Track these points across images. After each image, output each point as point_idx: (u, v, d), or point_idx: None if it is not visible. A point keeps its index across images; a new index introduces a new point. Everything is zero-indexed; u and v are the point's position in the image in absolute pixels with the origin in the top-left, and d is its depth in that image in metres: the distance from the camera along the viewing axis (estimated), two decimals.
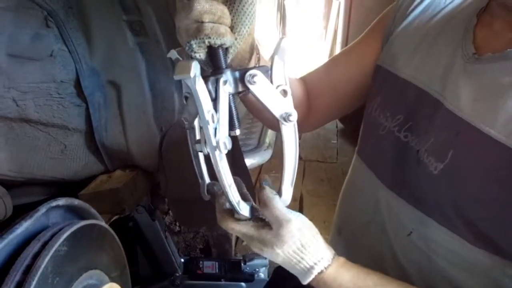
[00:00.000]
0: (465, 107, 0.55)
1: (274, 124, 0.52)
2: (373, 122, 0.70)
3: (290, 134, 0.51)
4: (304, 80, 0.83)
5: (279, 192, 0.52)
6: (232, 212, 0.53)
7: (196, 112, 0.46)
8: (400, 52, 0.69)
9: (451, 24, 0.63)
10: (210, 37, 0.45)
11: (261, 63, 0.62)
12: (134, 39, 1.08)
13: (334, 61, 0.85)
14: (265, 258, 1.58)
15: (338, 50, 4.27)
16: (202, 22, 0.44)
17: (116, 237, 0.83)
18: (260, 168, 2.70)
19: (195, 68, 0.44)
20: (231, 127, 0.50)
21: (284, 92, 0.50)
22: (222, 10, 0.45)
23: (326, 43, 4.57)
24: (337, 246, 0.80)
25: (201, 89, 0.45)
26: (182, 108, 1.19)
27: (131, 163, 1.23)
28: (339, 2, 4.07)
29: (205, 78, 0.46)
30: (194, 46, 0.45)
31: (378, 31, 0.76)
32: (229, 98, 0.49)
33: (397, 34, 0.71)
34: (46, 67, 1.02)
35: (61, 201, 0.73)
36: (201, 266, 1.53)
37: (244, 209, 0.52)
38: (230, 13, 0.48)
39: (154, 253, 1.45)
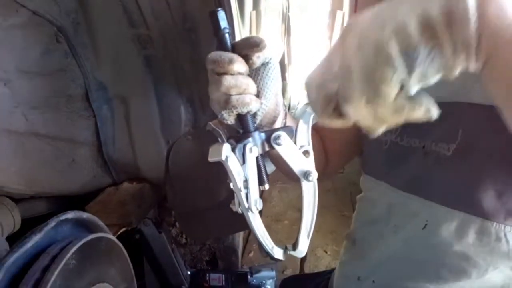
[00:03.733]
0: (457, 93, 0.60)
1: (295, 178, 0.56)
2: (375, 142, 0.75)
3: (309, 192, 0.56)
4: (315, 129, 0.88)
5: (296, 244, 0.56)
6: None
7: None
8: None
9: None
10: (237, 108, 0.51)
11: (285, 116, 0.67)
12: (141, 53, 1.10)
13: None
14: (272, 270, 1.57)
15: None
16: (230, 95, 0.50)
17: (124, 249, 0.83)
18: None
19: (225, 151, 0.51)
20: (261, 182, 0.55)
21: (306, 153, 0.55)
22: (247, 83, 0.51)
23: None
24: (351, 256, 0.82)
25: (233, 166, 0.52)
26: (188, 120, 1.21)
27: (138, 176, 1.24)
28: (343, 13, 4.09)
29: (235, 145, 0.53)
30: (225, 115, 0.52)
31: None
32: (258, 157, 0.55)
33: None
34: (56, 82, 1.04)
35: (70, 215, 0.74)
36: (207, 278, 1.52)
37: (278, 254, 0.56)
38: (256, 79, 0.54)
39: (161, 266, 1.44)
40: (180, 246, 1.65)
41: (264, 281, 1.52)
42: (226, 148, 0.52)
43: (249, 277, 1.53)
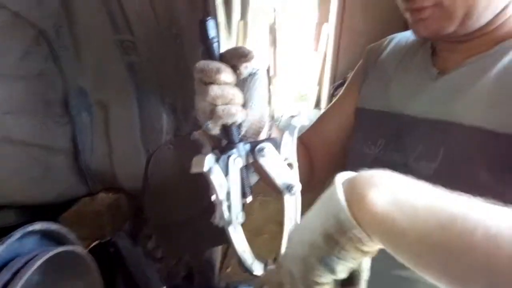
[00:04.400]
0: (441, 111, 0.62)
1: (278, 190, 0.56)
2: (359, 156, 0.75)
3: (291, 205, 0.56)
4: (302, 140, 0.89)
5: (277, 259, 0.55)
6: None
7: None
8: (375, 90, 0.77)
9: (415, 57, 0.73)
10: (222, 118, 0.50)
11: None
12: (124, 59, 1.06)
13: (322, 118, 0.91)
14: (249, 286, 1.53)
15: (327, 73, 4.33)
16: (216, 105, 0.50)
17: (94, 263, 0.79)
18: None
19: (209, 162, 0.50)
20: (243, 195, 0.54)
21: (290, 165, 0.56)
22: (233, 93, 0.51)
23: (316, 66, 4.62)
24: None
25: (216, 177, 0.51)
26: (170, 129, 1.17)
27: (115, 186, 1.19)
28: (329, 26, 4.14)
29: (219, 156, 0.52)
30: (210, 125, 0.51)
31: (354, 80, 0.85)
32: (242, 169, 0.54)
33: (371, 76, 0.80)
34: (33, 86, 0.99)
35: (37, 226, 0.70)
36: None
37: (258, 269, 0.55)
38: (243, 90, 0.53)
39: (135, 281, 1.38)
40: (156, 260, 1.60)
41: None
42: (210, 159, 0.51)
43: None
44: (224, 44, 1.31)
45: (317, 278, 0.40)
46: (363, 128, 0.78)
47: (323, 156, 0.87)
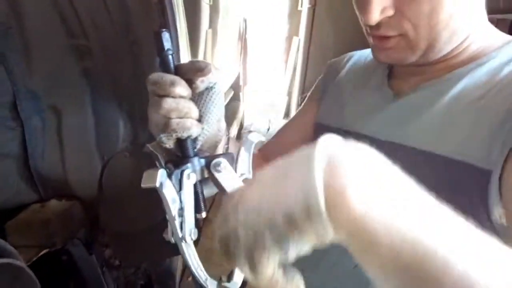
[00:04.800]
0: (395, 133, 0.62)
1: None
2: None
3: None
4: (262, 153, 0.89)
5: (231, 275, 0.54)
6: None
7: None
8: (332, 106, 0.78)
9: (372, 77, 0.73)
10: (176, 132, 0.49)
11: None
12: (79, 64, 1.04)
13: (282, 130, 0.92)
14: None
15: (297, 84, 4.39)
16: (170, 118, 0.48)
17: (33, 277, 0.76)
18: (213, 198, 2.65)
19: (160, 177, 0.48)
20: (198, 210, 0.53)
21: (247, 181, 0.54)
22: (189, 107, 0.49)
23: (286, 77, 4.68)
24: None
25: (167, 193, 0.49)
26: (126, 136, 1.15)
27: (68, 193, 1.16)
28: (299, 39, 4.22)
29: (172, 170, 0.50)
30: (163, 139, 0.50)
31: (314, 95, 0.86)
32: (196, 183, 0.53)
33: (330, 91, 0.81)
34: None
35: None
36: None
37: (211, 286, 0.54)
38: (199, 104, 0.52)
39: None
40: (113, 268, 1.56)
41: None
42: (161, 174, 0.49)
43: None
44: (186, 52, 1.31)
45: (263, 256, 0.37)
46: None
47: None
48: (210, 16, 2.55)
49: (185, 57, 1.30)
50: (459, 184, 0.53)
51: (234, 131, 3.00)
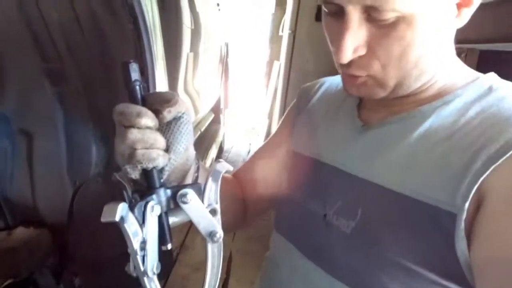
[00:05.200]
0: (362, 168, 0.62)
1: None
2: (285, 199, 0.75)
3: (214, 252, 0.55)
4: (236, 177, 0.89)
5: None
6: None
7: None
8: (304, 134, 0.77)
9: (343, 106, 0.74)
10: (141, 162, 0.48)
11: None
12: (52, 88, 1.02)
13: (256, 155, 0.92)
14: None
15: (277, 108, 4.43)
16: (135, 149, 0.48)
17: None
18: (190, 224, 2.61)
19: (121, 211, 0.47)
20: (163, 242, 0.52)
21: (214, 211, 0.54)
22: (154, 138, 0.49)
23: (267, 101, 4.73)
24: None
25: (129, 227, 0.48)
26: (99, 161, 1.13)
27: (37, 219, 1.12)
28: (280, 64, 4.29)
29: (137, 201, 0.50)
30: (129, 170, 0.49)
31: (287, 120, 0.86)
32: (161, 215, 0.51)
33: (303, 118, 0.81)
34: None
35: None
36: None
37: None
38: (167, 134, 0.52)
39: None
40: None
41: None
42: (122, 208, 0.47)
43: None
44: (163, 76, 1.31)
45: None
46: (291, 172, 0.78)
47: (255, 193, 0.86)
48: (192, 39, 2.57)
49: (162, 81, 1.30)
50: (426, 225, 0.53)
51: (213, 153, 2.99)
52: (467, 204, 0.49)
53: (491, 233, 0.48)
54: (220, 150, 3.94)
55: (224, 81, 4.07)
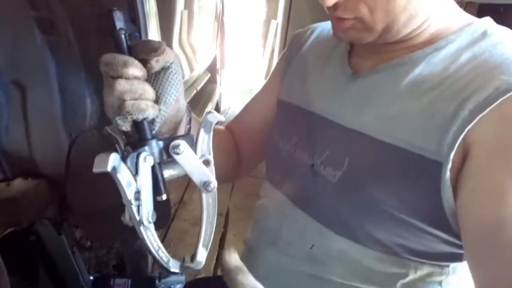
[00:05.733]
0: (351, 118, 0.62)
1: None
2: (274, 149, 0.76)
3: (209, 202, 0.55)
4: (229, 129, 0.88)
5: (194, 255, 0.55)
6: None
7: None
8: (294, 82, 0.77)
9: (333, 53, 0.73)
10: (131, 114, 0.48)
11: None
12: (43, 38, 1.01)
13: (247, 107, 0.91)
14: (182, 275, 1.52)
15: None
16: (124, 100, 0.47)
17: None
18: (188, 180, 2.65)
19: (112, 161, 0.47)
20: (158, 193, 0.52)
21: (207, 162, 0.54)
22: (143, 88, 0.48)
23: (264, 61, 4.66)
24: (246, 263, 0.82)
25: (122, 177, 0.49)
26: (94, 113, 1.13)
27: (35, 171, 1.13)
28: (277, 23, 4.19)
29: (130, 152, 0.50)
30: (119, 121, 0.49)
31: (278, 69, 0.85)
32: (155, 166, 0.52)
33: (293, 66, 0.80)
34: None
35: None
36: (112, 284, 1.43)
37: (174, 267, 0.55)
38: (156, 84, 0.51)
39: (59, 271, 1.33)
40: (85, 249, 1.54)
41: (172, 286, 1.47)
42: (114, 158, 0.48)
43: (157, 282, 1.46)
44: (156, 33, 1.28)
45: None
46: (280, 121, 0.78)
47: (248, 145, 0.87)
48: None
49: (155, 38, 1.28)
50: (412, 174, 0.54)
51: None
52: (452, 154, 0.50)
53: (474, 187, 0.49)
54: (217, 111, 3.94)
55: (220, 40, 3.99)
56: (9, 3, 0.94)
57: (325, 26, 0.81)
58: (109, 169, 0.47)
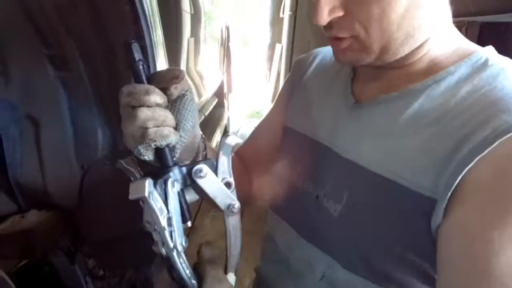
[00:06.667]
0: (350, 149, 0.61)
1: (220, 210, 0.55)
2: (279, 178, 0.74)
3: (234, 224, 0.56)
4: (238, 154, 0.88)
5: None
6: None
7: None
8: (298, 109, 0.76)
9: (336, 79, 0.71)
10: (155, 141, 0.48)
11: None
12: (55, 74, 1.05)
13: (255, 132, 0.91)
14: None
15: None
16: (147, 128, 0.47)
17: (12, 285, 0.76)
18: (199, 205, 2.65)
19: (149, 187, 0.47)
20: (183, 220, 0.52)
21: (229, 184, 0.55)
22: (165, 114, 0.49)
23: (270, 85, 4.71)
24: None
25: (156, 203, 0.49)
26: (106, 145, 1.16)
27: (48, 202, 1.16)
28: (282, 46, 4.26)
29: (155, 181, 0.50)
30: (142, 150, 0.48)
31: (282, 95, 0.84)
32: (179, 193, 0.52)
33: (297, 92, 0.79)
34: None
35: None
36: None
37: None
38: (173, 112, 0.51)
39: None
40: (97, 278, 1.54)
41: None
42: (149, 183, 0.48)
43: None
44: (163, 61, 1.32)
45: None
46: (287, 150, 0.77)
47: (257, 171, 0.85)
48: (192, 24, 2.57)
49: (163, 66, 1.31)
50: (408, 209, 0.53)
51: (218, 138, 3.01)
52: (449, 194, 0.48)
53: (460, 223, 0.47)
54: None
55: (227, 65, 4.06)
56: (22, 41, 0.99)
57: (327, 52, 0.80)
58: (146, 194, 0.47)
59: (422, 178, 0.51)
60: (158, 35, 1.23)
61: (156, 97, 0.48)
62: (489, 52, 0.57)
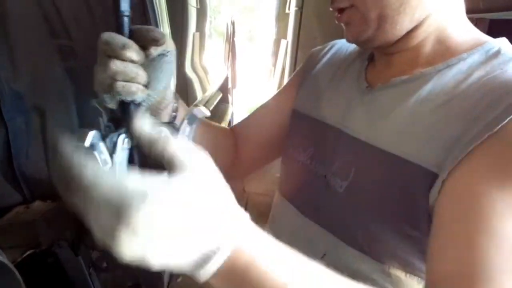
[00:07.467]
0: (362, 130, 0.63)
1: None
2: (290, 160, 0.76)
3: None
4: (234, 130, 0.88)
5: None
6: None
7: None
8: (310, 95, 0.78)
9: (350, 68, 0.74)
10: (120, 94, 0.48)
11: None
12: (62, 64, 1.04)
13: (258, 111, 0.91)
14: None
15: None
16: (115, 80, 0.48)
17: (17, 274, 0.76)
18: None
19: (91, 138, 0.47)
20: None
21: None
22: (136, 71, 0.49)
23: (275, 81, 4.70)
24: None
25: (98, 155, 0.48)
26: None
27: (53, 193, 1.16)
28: (287, 42, 4.24)
29: (107, 133, 0.49)
30: (106, 99, 0.49)
31: (295, 80, 0.86)
32: (133, 149, 0.51)
33: (309, 80, 0.81)
34: None
35: None
36: None
37: None
38: (149, 69, 0.51)
39: None
40: (101, 270, 1.55)
41: None
42: (93, 135, 0.47)
43: None
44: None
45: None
46: (296, 132, 0.79)
47: (249, 148, 0.86)
48: (197, 19, 2.57)
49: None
50: (409, 184, 0.54)
51: None
52: (450, 168, 0.49)
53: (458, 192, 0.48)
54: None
55: (231, 60, 4.06)
56: (30, 32, 0.98)
57: (344, 43, 0.82)
58: (86, 144, 0.46)
59: (431, 156, 0.53)
60: (164, 28, 1.22)
61: (132, 53, 0.47)
62: (502, 42, 0.58)
